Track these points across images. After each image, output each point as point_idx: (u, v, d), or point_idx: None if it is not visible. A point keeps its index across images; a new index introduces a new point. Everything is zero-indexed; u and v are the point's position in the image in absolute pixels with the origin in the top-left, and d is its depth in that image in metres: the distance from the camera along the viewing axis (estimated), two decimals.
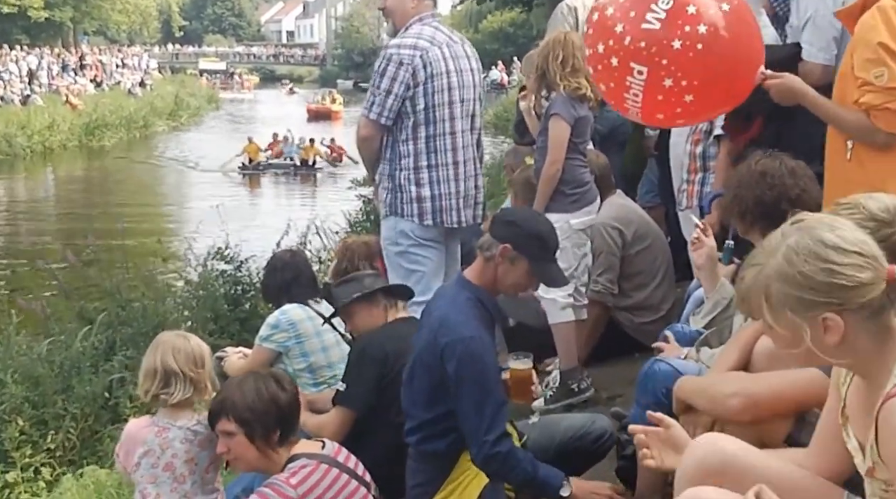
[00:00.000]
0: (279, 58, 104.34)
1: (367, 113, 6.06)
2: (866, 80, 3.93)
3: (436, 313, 4.43)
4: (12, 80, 46.36)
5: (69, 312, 10.78)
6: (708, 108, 4.66)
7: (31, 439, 7.98)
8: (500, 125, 28.35)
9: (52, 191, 33.96)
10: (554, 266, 4.48)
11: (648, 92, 4.37)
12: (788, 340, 2.56)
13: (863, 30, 4.02)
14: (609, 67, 4.46)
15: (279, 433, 4.18)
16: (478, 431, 4.21)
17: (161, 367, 4.32)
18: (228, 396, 4.20)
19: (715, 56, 4.25)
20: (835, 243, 2.50)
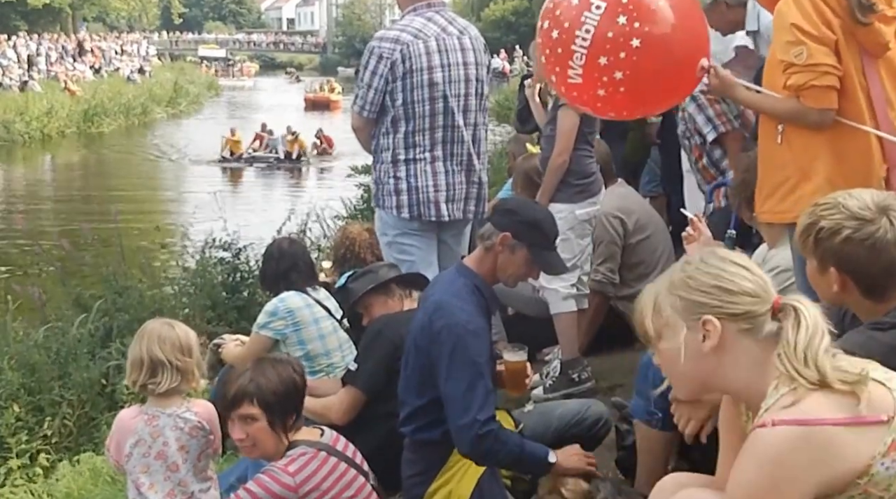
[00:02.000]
0: (279, 45, 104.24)
1: (353, 106, 6.12)
2: (789, 62, 3.98)
3: (432, 298, 4.45)
4: (10, 67, 46.37)
5: (66, 298, 10.76)
6: (648, 103, 4.71)
7: (27, 426, 7.98)
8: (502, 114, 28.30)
9: (49, 177, 34.00)
10: (553, 254, 4.49)
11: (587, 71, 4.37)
12: (670, 355, 2.66)
13: (778, 16, 4.09)
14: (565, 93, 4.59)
15: (294, 418, 4.20)
16: (468, 411, 4.18)
17: (147, 356, 4.28)
18: (253, 379, 4.18)
19: (644, 88, 4.31)
20: (731, 259, 2.65)
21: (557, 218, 6.01)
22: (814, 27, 3.93)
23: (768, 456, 2.43)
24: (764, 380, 2.56)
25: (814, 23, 3.94)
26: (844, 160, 4.03)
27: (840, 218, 3.20)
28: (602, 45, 4.23)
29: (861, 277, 3.19)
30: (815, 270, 3.32)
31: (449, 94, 5.95)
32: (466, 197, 6.11)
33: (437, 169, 5.99)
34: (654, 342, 2.71)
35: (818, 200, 3.34)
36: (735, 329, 2.57)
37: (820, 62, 3.92)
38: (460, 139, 6.04)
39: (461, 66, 6.01)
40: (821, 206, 3.27)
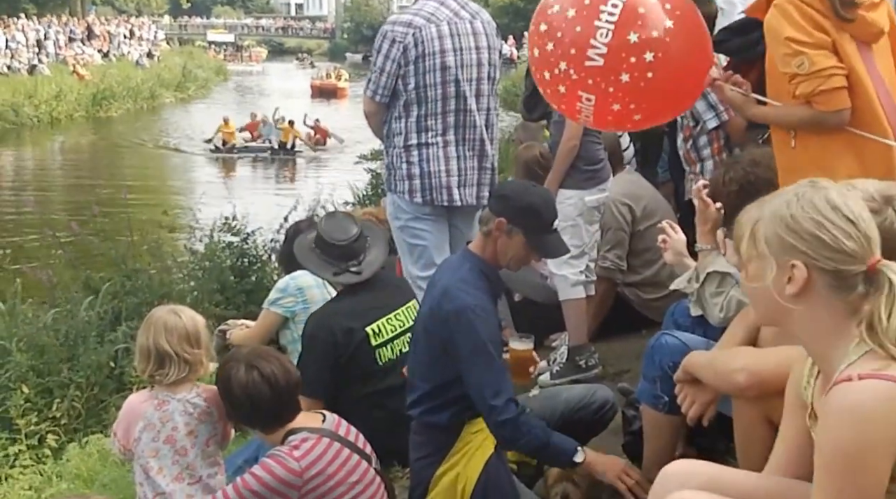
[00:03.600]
0: (288, 30, 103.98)
1: (366, 90, 6.13)
2: (793, 73, 3.96)
3: (440, 283, 4.48)
4: (19, 50, 46.28)
5: (75, 281, 10.77)
6: (657, 119, 4.74)
7: (35, 407, 8.00)
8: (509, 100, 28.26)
9: (58, 161, 33.94)
10: (551, 237, 4.47)
11: (598, 114, 4.35)
12: (754, 285, 2.61)
13: (769, 32, 4.08)
14: (557, 93, 4.43)
15: (268, 424, 4.20)
16: (486, 397, 4.24)
17: (154, 348, 4.29)
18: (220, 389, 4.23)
19: (665, 79, 4.23)
20: (836, 204, 2.51)
21: (567, 204, 6.05)
22: (807, 35, 3.93)
23: (859, 410, 2.36)
24: (841, 339, 2.50)
25: (806, 31, 3.93)
26: (863, 155, 4.01)
27: None
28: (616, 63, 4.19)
29: None
30: None
31: (461, 79, 5.96)
32: (479, 182, 6.12)
33: (449, 153, 6.00)
34: (743, 264, 2.66)
35: None
36: (822, 283, 2.49)
37: (823, 67, 3.91)
38: (472, 124, 6.05)
39: (473, 51, 6.02)
40: None
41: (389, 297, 5.25)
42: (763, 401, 3.32)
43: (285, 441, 4.10)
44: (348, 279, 5.21)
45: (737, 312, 4.08)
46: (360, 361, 5.06)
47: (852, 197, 2.57)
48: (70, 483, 6.52)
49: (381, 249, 5.39)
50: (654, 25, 4.20)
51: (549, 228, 4.44)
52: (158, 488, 4.27)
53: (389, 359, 5.11)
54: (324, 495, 4.04)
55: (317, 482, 4.02)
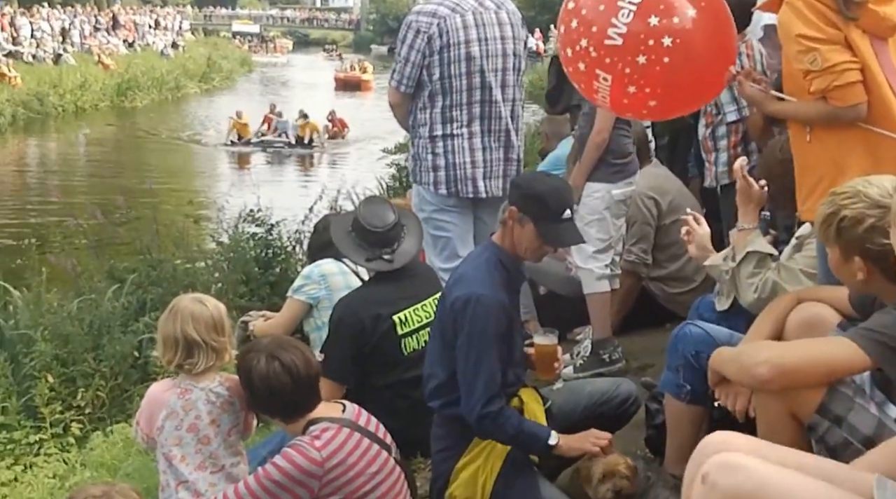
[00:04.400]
0: (313, 22, 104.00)
1: (391, 81, 6.12)
2: (807, 70, 3.97)
3: (457, 272, 4.53)
4: (45, 39, 46.42)
5: (99, 270, 10.81)
6: (673, 110, 4.70)
7: (60, 396, 8.04)
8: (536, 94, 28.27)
9: (82, 151, 34.05)
10: (560, 226, 4.40)
11: (614, 96, 4.38)
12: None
13: (782, 29, 4.10)
14: (578, 71, 4.46)
15: (288, 415, 4.20)
16: (472, 390, 4.26)
17: (182, 337, 4.28)
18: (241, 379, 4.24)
19: (682, 68, 4.24)
20: None
21: (594, 197, 6.03)
22: (819, 31, 3.93)
23: None
24: None
25: (817, 27, 3.93)
26: (877, 151, 4.01)
27: (862, 207, 3.20)
28: (635, 47, 4.21)
29: (887, 265, 3.17)
30: (837, 259, 3.34)
31: (486, 69, 5.95)
32: (504, 174, 6.11)
33: (474, 145, 5.99)
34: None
35: (836, 189, 3.34)
36: None
37: (836, 62, 3.92)
38: (498, 115, 6.04)
39: (498, 41, 6.01)
40: (840, 195, 3.28)
41: (418, 287, 5.23)
42: (787, 395, 3.29)
43: (306, 431, 4.10)
44: (379, 266, 5.19)
45: (771, 295, 4.08)
46: (385, 349, 5.04)
47: None
48: (94, 472, 6.56)
49: (415, 239, 5.37)
50: (676, 13, 4.22)
51: (557, 216, 4.37)
52: (181, 476, 4.27)
53: (414, 349, 5.09)
54: (344, 485, 4.04)
55: (337, 472, 4.02)
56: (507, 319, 4.35)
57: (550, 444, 4.32)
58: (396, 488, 4.24)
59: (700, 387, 4.03)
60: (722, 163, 6.56)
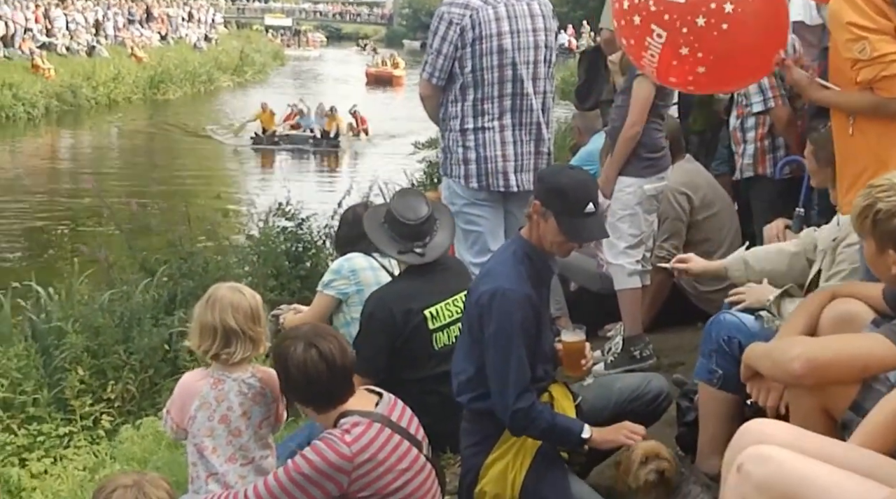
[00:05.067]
0: (345, 16, 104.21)
1: (422, 73, 6.12)
2: (855, 59, 3.96)
3: (486, 266, 4.56)
4: (78, 31, 46.65)
5: (132, 263, 10.86)
6: (719, 82, 4.65)
7: (90, 389, 8.08)
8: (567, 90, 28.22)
9: (115, 143, 34.23)
10: (583, 221, 4.33)
11: (664, 55, 4.34)
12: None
13: (832, 17, 4.09)
14: (631, 24, 4.43)
15: (321, 404, 4.18)
16: (504, 386, 4.25)
17: (221, 326, 4.27)
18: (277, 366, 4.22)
19: (737, 38, 4.22)
20: None
21: (626, 192, 5.99)
22: (870, 20, 3.91)
23: None
24: None
25: (868, 16, 3.91)
26: None
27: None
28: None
29: None
30: (873, 251, 3.33)
31: (518, 61, 5.94)
32: (535, 167, 6.09)
33: (505, 138, 5.98)
34: None
35: (873, 181, 3.32)
36: None
37: (885, 52, 3.90)
38: (529, 107, 6.03)
39: (530, 33, 6.00)
40: (877, 187, 3.27)
41: (449, 281, 5.22)
42: (820, 390, 3.28)
43: (337, 424, 4.08)
44: (411, 259, 5.18)
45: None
46: (415, 343, 5.05)
47: None
48: (123, 464, 6.58)
49: (447, 233, 5.35)
50: None
51: (579, 210, 4.30)
52: (212, 467, 4.29)
53: (445, 344, 5.08)
54: (374, 481, 4.02)
55: (367, 468, 4.00)
56: (533, 313, 4.32)
57: (584, 437, 4.31)
58: (427, 485, 4.22)
59: (732, 373, 4.01)
60: (748, 155, 6.55)
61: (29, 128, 34.92)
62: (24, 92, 35.68)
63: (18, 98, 35.29)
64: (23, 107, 35.21)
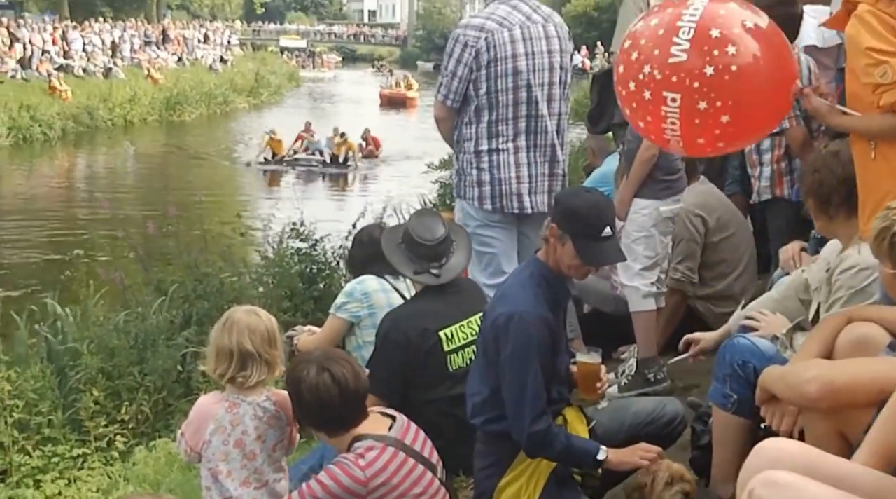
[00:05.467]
0: (360, 37, 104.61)
1: (437, 94, 6.12)
2: (876, 84, 3.91)
3: (502, 288, 4.55)
4: (95, 53, 46.96)
5: (147, 284, 10.89)
6: (747, 128, 4.59)
7: (105, 410, 8.08)
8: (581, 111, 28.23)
9: (131, 164, 34.37)
10: (599, 244, 4.33)
11: (685, 118, 4.28)
12: None
13: (850, 43, 4.06)
14: (643, 102, 4.38)
15: (334, 428, 4.18)
16: (520, 409, 4.25)
17: (237, 349, 4.27)
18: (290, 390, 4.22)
19: (750, 77, 4.19)
20: None
21: (641, 214, 5.99)
22: (889, 44, 3.88)
23: None
24: None
25: (888, 40, 3.89)
26: None
27: None
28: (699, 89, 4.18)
29: None
30: (891, 274, 3.31)
31: (533, 83, 5.95)
32: (550, 189, 6.10)
33: (520, 160, 5.99)
34: None
35: (891, 203, 3.30)
36: None
37: None
38: (544, 129, 6.04)
39: (545, 55, 6.01)
40: (894, 209, 3.23)
41: (465, 303, 5.21)
42: (836, 414, 3.26)
43: (351, 448, 4.08)
44: (427, 280, 5.17)
45: None
46: (430, 364, 5.03)
47: None
48: (137, 486, 6.59)
49: (464, 254, 5.35)
50: (735, 24, 4.21)
51: (596, 234, 4.31)
52: (226, 492, 4.28)
53: (460, 366, 5.06)
54: None
55: (381, 493, 4.00)
56: (550, 336, 4.32)
57: (599, 459, 4.31)
58: None
59: (746, 397, 4.00)
60: (765, 177, 6.52)
61: (45, 149, 35.17)
62: (41, 113, 36.01)
63: (36, 120, 35.59)
64: (40, 128, 35.50)
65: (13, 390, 7.77)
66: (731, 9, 4.27)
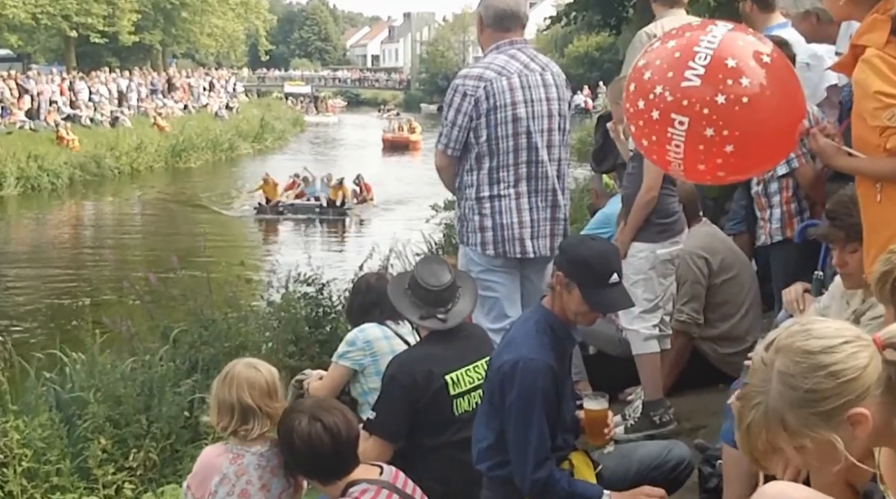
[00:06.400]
0: (364, 82, 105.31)
1: (437, 144, 6.16)
2: (884, 126, 3.91)
3: (507, 336, 4.56)
4: (102, 102, 47.27)
5: (153, 331, 10.90)
6: (749, 161, 4.58)
7: (113, 458, 8.07)
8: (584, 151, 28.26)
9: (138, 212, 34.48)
10: (607, 291, 4.39)
11: (689, 142, 4.26)
12: (822, 456, 2.48)
13: (858, 87, 4.06)
14: (650, 121, 4.37)
15: (327, 477, 4.20)
16: (523, 456, 4.28)
17: (238, 403, 4.31)
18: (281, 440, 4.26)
19: (759, 110, 4.17)
20: (820, 347, 2.39)
21: (638, 257, 6.01)
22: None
23: None
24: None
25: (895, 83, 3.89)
26: None
27: None
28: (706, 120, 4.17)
29: None
30: (893, 319, 3.26)
31: (533, 130, 5.98)
32: (552, 233, 6.12)
33: (521, 205, 6.01)
34: (791, 458, 2.53)
35: (893, 247, 3.30)
36: (873, 400, 2.39)
37: None
38: (545, 175, 6.06)
39: (544, 102, 6.05)
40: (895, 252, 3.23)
41: (470, 348, 5.22)
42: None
43: (346, 493, 4.10)
44: (433, 325, 5.19)
45: None
46: (436, 408, 5.02)
47: (812, 326, 2.46)
48: None
49: (470, 300, 5.38)
50: (752, 57, 4.20)
51: (603, 281, 4.37)
52: None
53: (466, 410, 5.05)
54: None
55: None
56: (555, 384, 4.34)
57: None
58: None
59: None
60: (776, 219, 6.51)
61: (53, 198, 35.39)
62: (49, 163, 36.37)
63: (44, 169, 35.90)
64: (47, 177, 35.76)
65: (21, 439, 7.76)
66: (749, 41, 4.27)
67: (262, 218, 31.41)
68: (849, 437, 2.40)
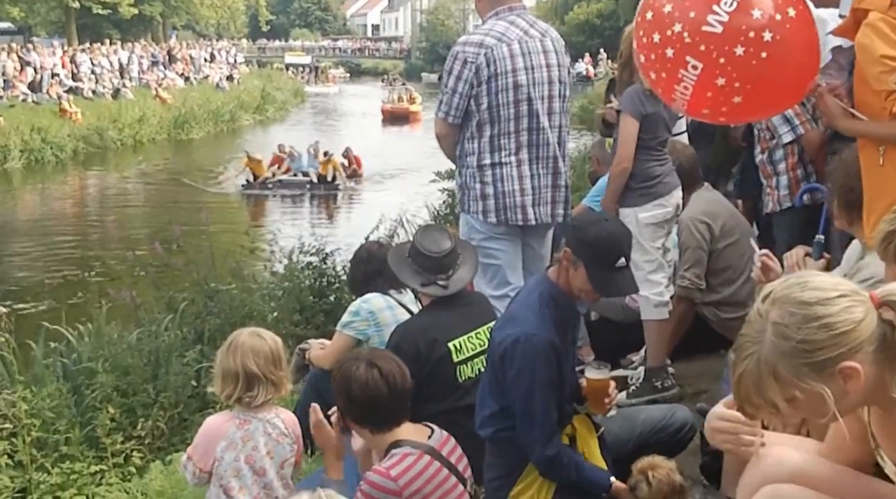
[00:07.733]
0: (364, 51, 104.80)
1: (437, 112, 6.13)
2: (889, 90, 3.91)
3: (510, 308, 4.54)
4: (104, 75, 47.17)
5: (158, 302, 10.94)
6: (753, 111, 4.56)
7: (121, 427, 8.12)
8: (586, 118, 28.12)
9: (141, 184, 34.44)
10: (613, 275, 4.36)
11: (699, 87, 4.27)
12: (812, 409, 2.48)
13: (862, 51, 4.03)
14: (662, 57, 4.34)
15: (378, 425, 4.17)
16: (530, 432, 4.31)
17: (242, 371, 4.35)
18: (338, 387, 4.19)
19: (776, 66, 4.15)
20: (816, 298, 2.42)
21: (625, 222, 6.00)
22: None
23: None
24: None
25: None
26: None
27: None
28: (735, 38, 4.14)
29: None
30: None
31: (534, 97, 5.97)
32: (553, 200, 6.13)
33: (522, 172, 6.01)
34: (783, 410, 2.51)
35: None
36: (866, 355, 2.41)
37: None
38: (545, 142, 6.06)
39: (544, 68, 6.03)
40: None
41: (472, 314, 5.25)
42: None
43: (388, 453, 4.09)
44: (434, 291, 5.22)
45: None
46: (440, 375, 5.06)
47: (810, 279, 2.49)
48: None
49: (470, 267, 5.40)
50: (779, 10, 4.15)
51: (610, 264, 4.34)
52: None
53: (469, 377, 5.09)
54: None
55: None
56: (557, 359, 4.33)
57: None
58: None
59: None
60: (783, 186, 6.52)
61: (57, 170, 35.31)
62: (52, 136, 36.28)
63: (47, 142, 35.86)
64: (51, 150, 35.72)
65: (30, 409, 7.80)
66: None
67: (250, 193, 30.46)
68: (840, 391, 2.42)
